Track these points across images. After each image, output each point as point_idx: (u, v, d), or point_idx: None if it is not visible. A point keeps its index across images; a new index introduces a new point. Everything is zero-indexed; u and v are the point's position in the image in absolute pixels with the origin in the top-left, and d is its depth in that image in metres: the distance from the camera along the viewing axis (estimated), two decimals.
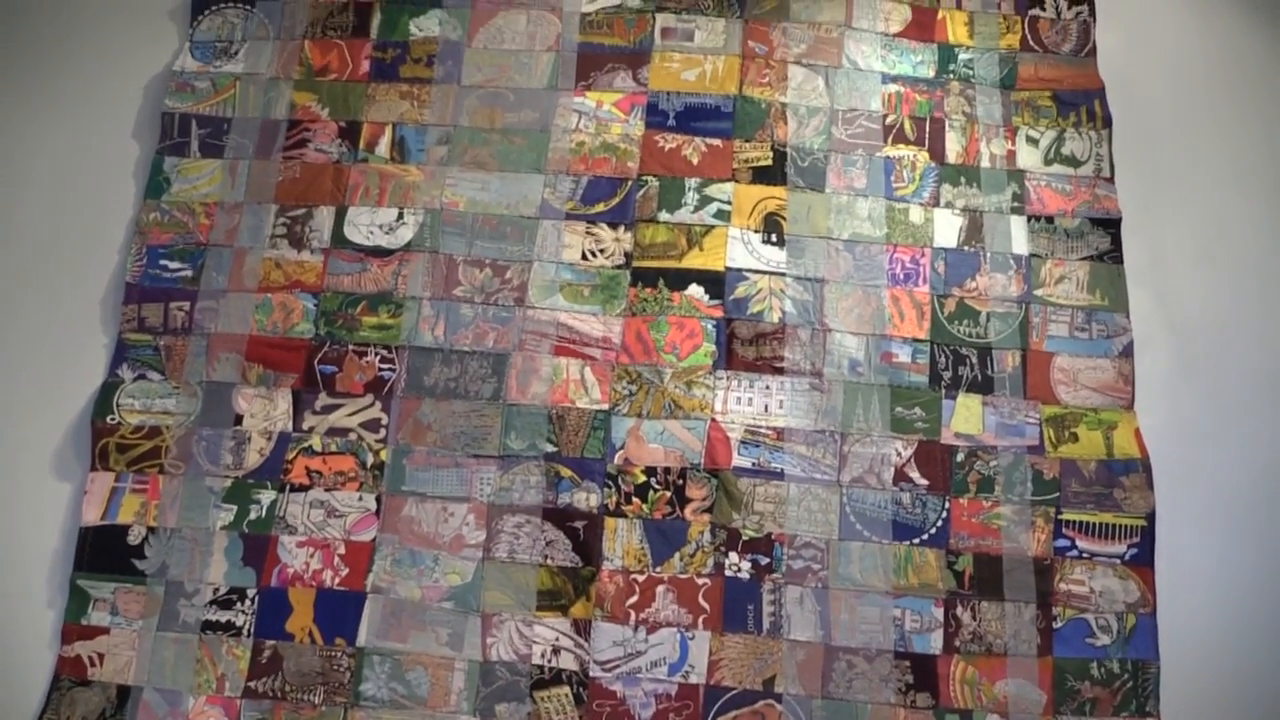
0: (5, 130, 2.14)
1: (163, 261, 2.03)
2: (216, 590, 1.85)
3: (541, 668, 1.80)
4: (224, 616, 1.83)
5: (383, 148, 2.09)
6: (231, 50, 2.17)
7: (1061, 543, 1.88)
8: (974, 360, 1.97)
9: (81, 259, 2.05)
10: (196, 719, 1.78)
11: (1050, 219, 2.06)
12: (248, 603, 1.84)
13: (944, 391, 1.95)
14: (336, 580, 1.85)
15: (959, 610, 1.84)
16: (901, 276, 2.02)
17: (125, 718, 1.79)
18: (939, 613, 1.84)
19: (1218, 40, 2.23)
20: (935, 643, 1.82)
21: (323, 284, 2.00)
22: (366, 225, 2.04)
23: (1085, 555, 1.88)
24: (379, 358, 1.96)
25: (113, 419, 1.94)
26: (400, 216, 2.04)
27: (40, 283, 2.04)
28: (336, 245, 2.02)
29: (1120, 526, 1.89)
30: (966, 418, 1.94)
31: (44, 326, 2.01)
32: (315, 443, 1.92)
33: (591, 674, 1.80)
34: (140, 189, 2.09)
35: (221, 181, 2.08)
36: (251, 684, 1.80)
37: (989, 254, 2.04)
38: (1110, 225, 2.06)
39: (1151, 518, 1.88)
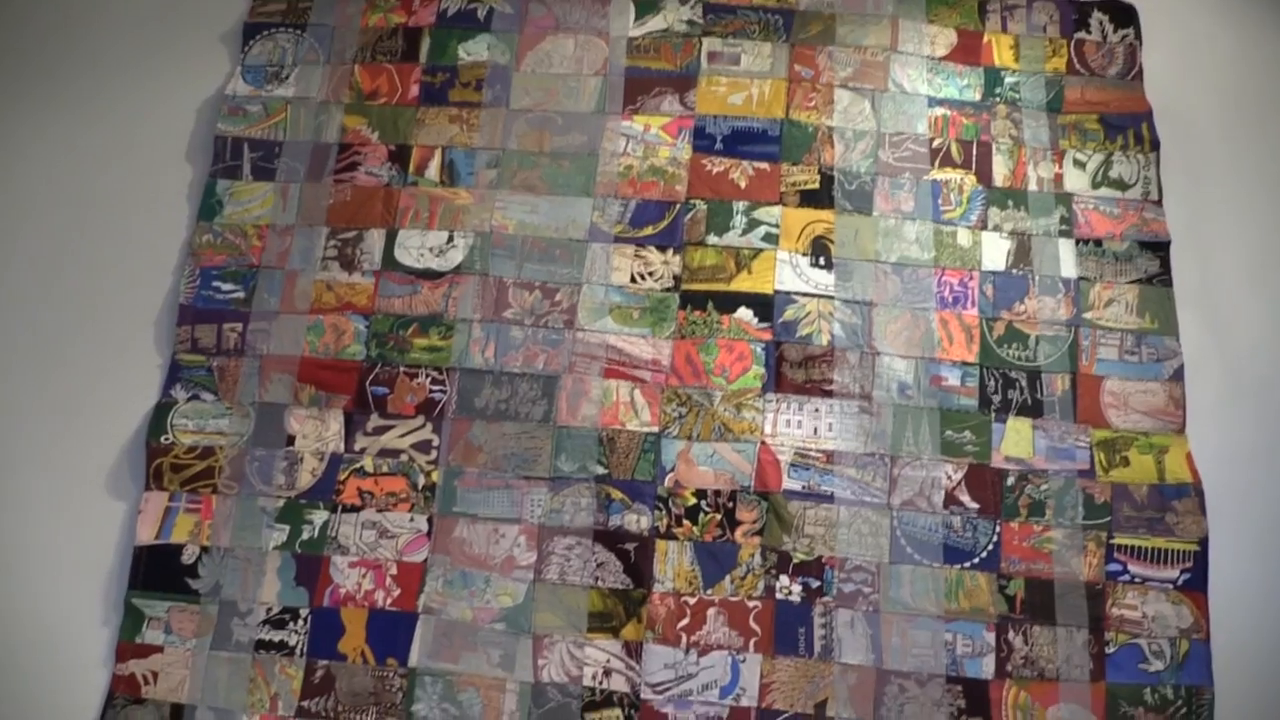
0: (62, 153, 2.18)
1: (215, 283, 2.06)
2: (269, 610, 1.86)
3: (593, 689, 1.80)
4: (277, 636, 1.85)
5: (432, 171, 2.12)
6: (283, 74, 2.20)
7: (1114, 567, 1.87)
8: (1023, 383, 1.97)
9: (136, 281, 2.08)
10: None
11: (1099, 242, 2.06)
12: (300, 622, 1.85)
13: (994, 415, 1.95)
14: (388, 601, 1.86)
15: (1011, 634, 1.83)
16: (950, 299, 2.02)
17: None
18: (990, 637, 1.83)
19: (1265, 61, 2.22)
20: (987, 667, 1.82)
21: (374, 306, 2.02)
22: (417, 248, 2.06)
23: (1138, 580, 1.86)
24: (430, 379, 1.98)
25: (167, 439, 1.96)
26: (450, 239, 2.06)
27: (95, 304, 2.07)
28: (387, 268, 2.04)
29: (1173, 551, 1.87)
30: (1017, 441, 1.94)
31: (99, 347, 2.04)
32: (367, 464, 1.93)
33: (643, 696, 1.80)
34: (193, 211, 2.12)
35: (273, 204, 2.11)
36: (304, 704, 1.81)
37: (1037, 277, 2.04)
38: (1159, 248, 2.05)
39: (1204, 542, 1.87)
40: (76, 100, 2.22)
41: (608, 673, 1.81)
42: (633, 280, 2.03)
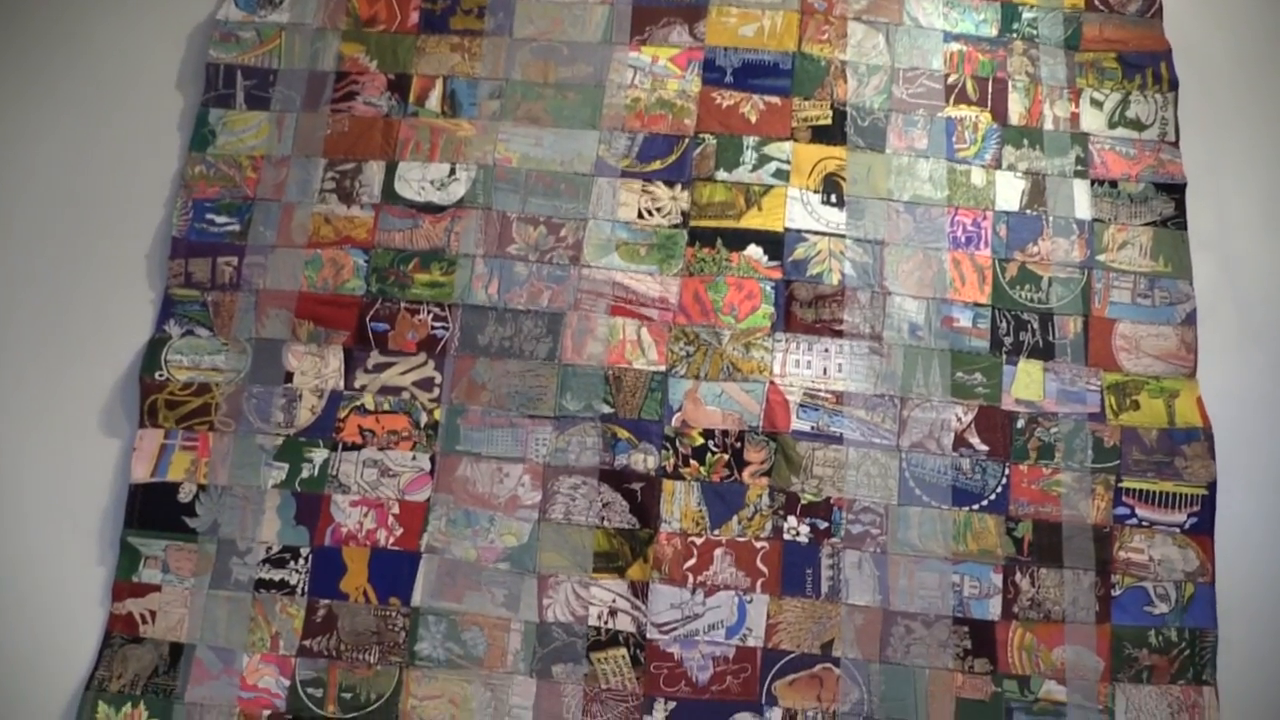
0: (46, 82, 2.09)
1: (209, 216, 1.99)
2: (269, 549, 1.83)
3: (598, 629, 1.79)
4: (277, 575, 1.82)
5: (433, 101, 2.05)
6: None
7: (1121, 511, 1.86)
8: (1035, 326, 1.94)
9: (126, 213, 2.01)
10: (251, 677, 1.77)
11: (1114, 183, 2.02)
12: (301, 562, 1.82)
13: (1005, 357, 1.92)
14: (391, 540, 1.83)
15: (1018, 577, 1.82)
16: (963, 240, 1.98)
17: (179, 675, 1.78)
18: (998, 579, 1.82)
19: None
20: (994, 609, 1.81)
21: (373, 240, 1.96)
22: (418, 181, 1.99)
23: (1145, 523, 1.85)
24: (432, 316, 1.93)
25: (161, 375, 1.91)
26: (452, 172, 2.00)
27: (85, 237, 2.00)
28: (387, 201, 1.98)
29: (1181, 495, 1.86)
30: (1027, 384, 1.91)
31: (89, 281, 1.98)
32: (368, 401, 1.89)
33: (649, 636, 1.78)
34: (185, 142, 2.04)
35: (268, 134, 2.03)
36: (306, 643, 1.79)
37: (1051, 218, 2.00)
38: (1175, 190, 2.01)
39: (1212, 487, 1.86)
40: (61, 26, 2.13)
41: (613, 612, 1.80)
42: (640, 216, 1.97)
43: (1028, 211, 2.00)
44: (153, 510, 1.85)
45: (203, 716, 1.76)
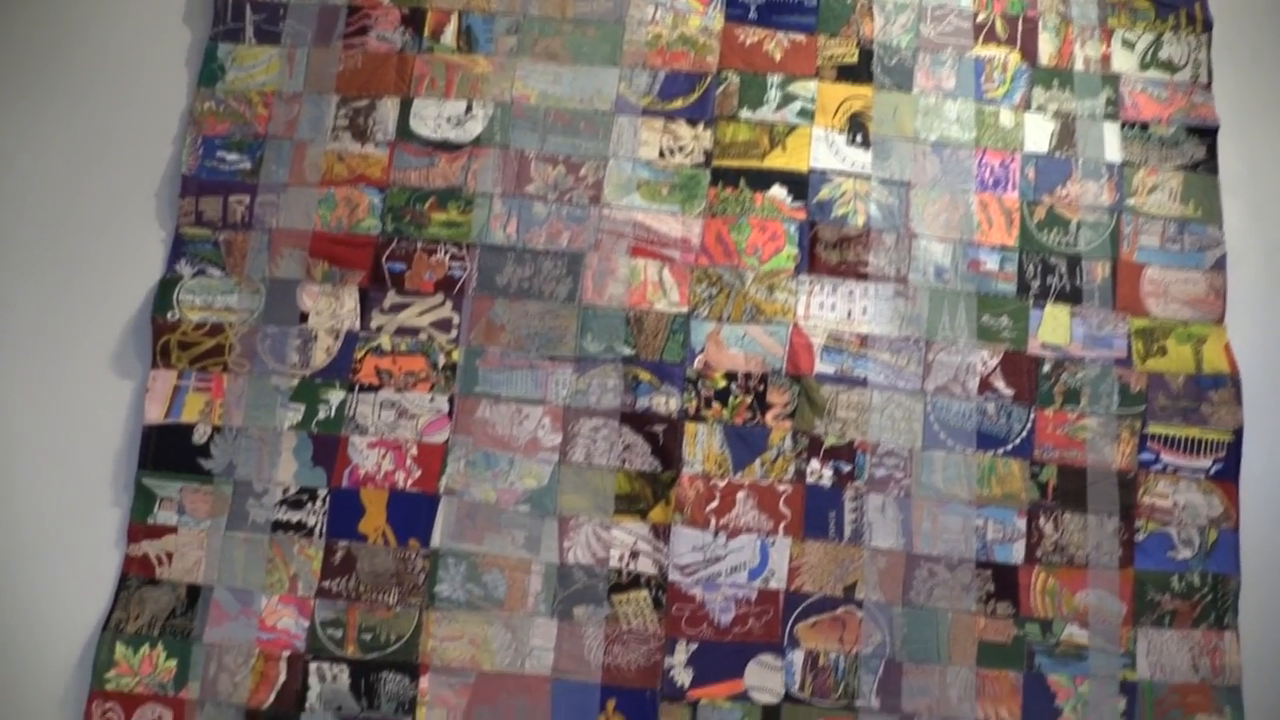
0: (49, 17, 2.03)
1: (220, 153, 1.94)
2: (286, 490, 1.81)
3: (620, 571, 1.77)
4: (294, 517, 1.80)
5: (448, 37, 1.99)
6: None
7: (1146, 456, 1.84)
8: (1063, 270, 1.91)
9: (135, 150, 1.96)
10: (270, 618, 1.76)
11: (1145, 126, 1.98)
12: (319, 503, 1.80)
13: (1032, 301, 1.89)
14: (409, 482, 1.81)
15: (1042, 521, 1.81)
16: (990, 182, 1.94)
17: (196, 616, 1.77)
18: (1021, 523, 1.81)
19: None
20: (1017, 553, 1.80)
21: (388, 179, 1.92)
22: (433, 118, 1.95)
23: (1170, 469, 1.84)
24: (449, 255, 1.89)
25: (173, 315, 1.87)
26: (469, 109, 1.95)
27: (93, 175, 1.95)
28: (402, 138, 1.93)
29: (1206, 441, 1.85)
30: (1054, 328, 1.89)
31: (99, 221, 1.94)
32: (384, 342, 1.86)
33: (671, 578, 1.77)
34: (193, 77, 1.99)
35: (279, 70, 1.98)
36: (325, 584, 1.77)
37: (1081, 160, 1.96)
38: (1206, 134, 1.97)
39: (1238, 433, 1.84)
40: None
41: (635, 555, 1.78)
42: (661, 155, 1.93)
43: (1057, 154, 1.96)
44: (167, 452, 1.83)
45: (221, 657, 1.76)
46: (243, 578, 1.78)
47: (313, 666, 1.75)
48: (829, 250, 1.90)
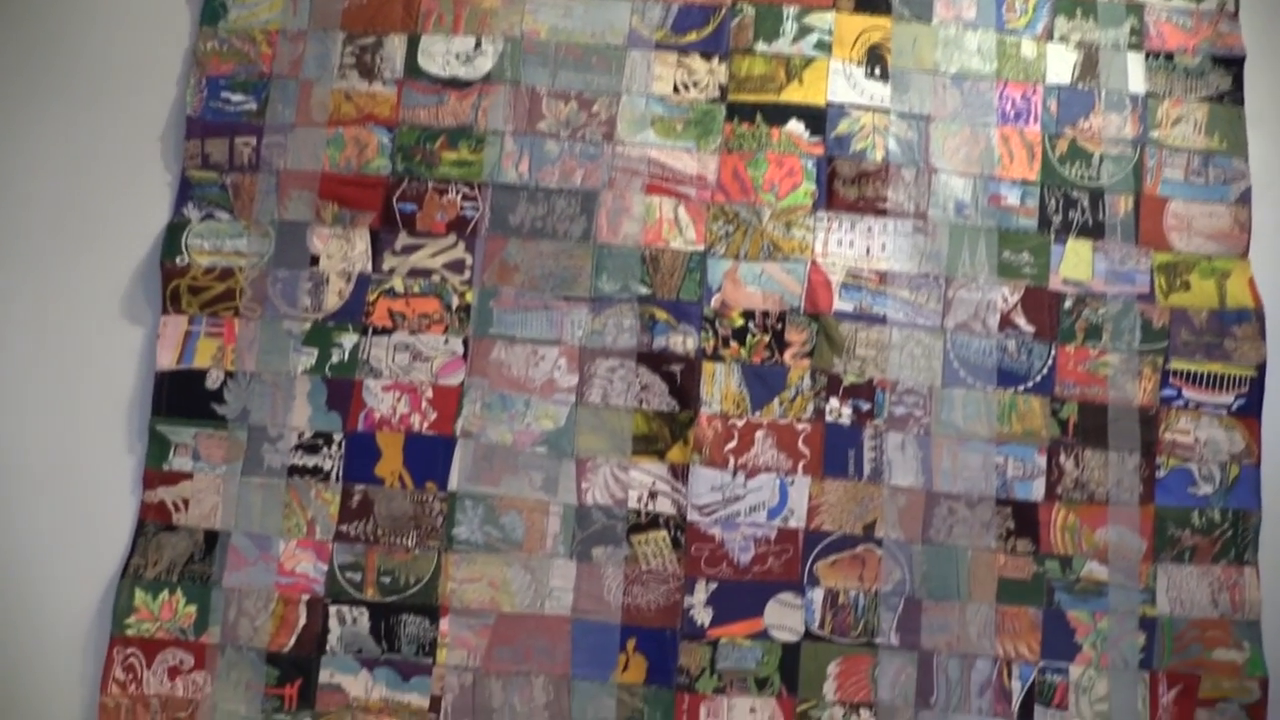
0: None
1: (224, 94, 1.90)
2: (301, 435, 1.80)
3: (638, 512, 1.77)
4: (310, 461, 1.79)
5: None
6: None
7: (1168, 392, 1.83)
8: (1085, 204, 1.87)
9: (137, 92, 1.92)
10: (288, 562, 1.76)
11: (1170, 56, 1.93)
12: (334, 447, 1.79)
13: (1053, 236, 1.86)
14: (425, 425, 1.80)
15: (1062, 458, 1.80)
16: (1012, 115, 1.89)
17: (214, 561, 1.77)
18: (1042, 460, 1.80)
19: None
20: (1037, 490, 1.79)
21: (397, 117, 1.88)
22: (442, 54, 1.90)
23: (1192, 405, 1.82)
24: (461, 195, 1.86)
25: (182, 260, 1.84)
26: (478, 45, 1.90)
27: (95, 118, 1.91)
28: (410, 76, 1.89)
29: (1229, 377, 1.83)
30: (1076, 263, 1.86)
31: (102, 165, 1.90)
32: (397, 284, 1.83)
33: (689, 518, 1.76)
34: (195, 16, 1.94)
35: (282, 7, 1.92)
36: (343, 528, 1.77)
37: (1104, 92, 1.91)
38: (1233, 64, 1.92)
39: (1261, 368, 1.82)
40: None
41: (653, 495, 1.78)
42: (676, 90, 1.89)
43: (1079, 85, 1.91)
44: (180, 398, 1.81)
45: (241, 602, 1.76)
46: (260, 523, 1.78)
47: (332, 610, 1.76)
48: (847, 186, 1.86)
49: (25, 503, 1.82)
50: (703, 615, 1.75)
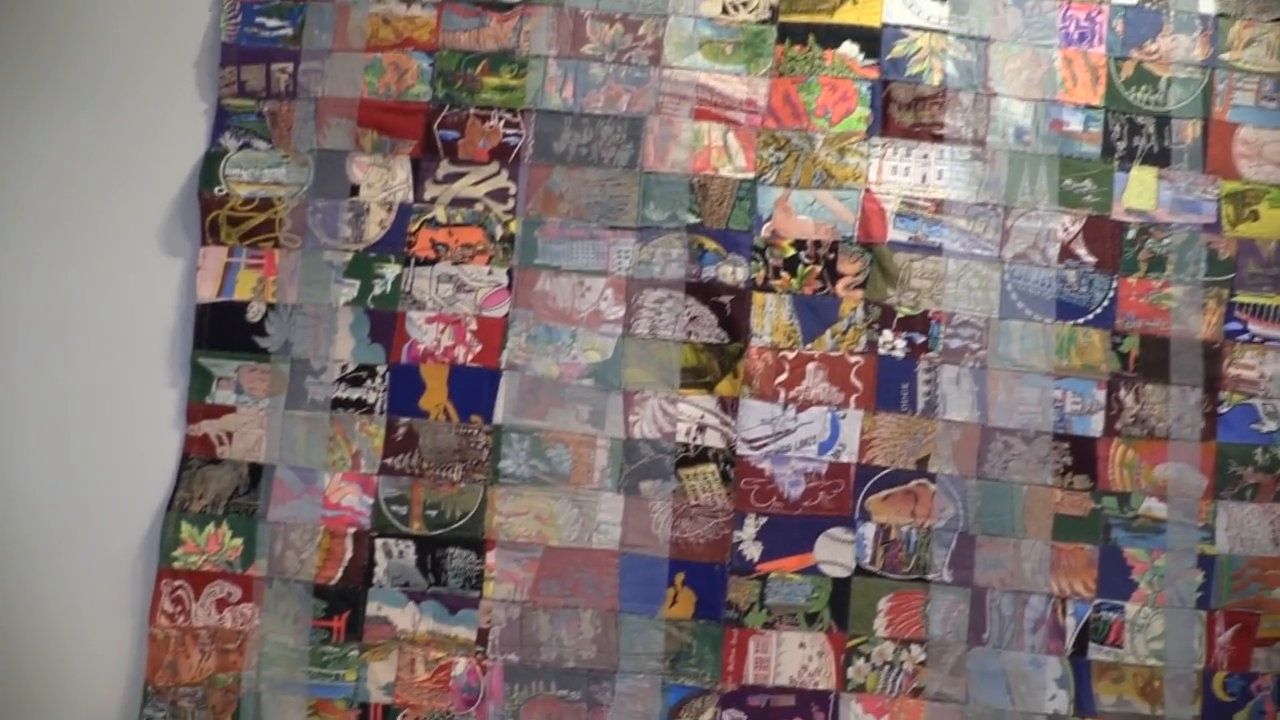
0: None
1: (259, 19, 1.84)
2: (345, 367, 1.77)
3: (687, 445, 1.74)
4: (354, 394, 1.77)
5: None
6: None
7: (1233, 326, 1.77)
8: (1151, 130, 1.80)
9: (170, 17, 1.87)
10: (334, 495, 1.75)
11: None
12: (378, 380, 1.77)
13: (1117, 163, 1.79)
14: (469, 357, 1.77)
15: (1122, 393, 1.75)
16: (1075, 36, 1.82)
17: (260, 495, 1.76)
18: (1101, 395, 1.75)
19: None
20: (1096, 425, 1.75)
21: (437, 42, 1.82)
22: None
23: (1257, 339, 1.77)
24: (503, 122, 1.80)
25: (220, 191, 1.81)
26: None
27: (127, 47, 1.86)
28: None
29: None
30: (1140, 192, 1.79)
31: (137, 95, 1.85)
32: (439, 214, 1.79)
33: (739, 452, 1.74)
34: None
35: None
36: (388, 461, 1.75)
37: (1172, 12, 1.83)
38: None
39: None
40: None
41: (702, 428, 1.75)
42: (724, 11, 1.81)
43: (1147, 5, 1.83)
44: (221, 330, 1.79)
45: (287, 535, 1.75)
46: (305, 456, 1.77)
47: (379, 543, 1.75)
48: (903, 111, 1.79)
49: (70, 438, 1.81)
50: (752, 550, 1.73)
